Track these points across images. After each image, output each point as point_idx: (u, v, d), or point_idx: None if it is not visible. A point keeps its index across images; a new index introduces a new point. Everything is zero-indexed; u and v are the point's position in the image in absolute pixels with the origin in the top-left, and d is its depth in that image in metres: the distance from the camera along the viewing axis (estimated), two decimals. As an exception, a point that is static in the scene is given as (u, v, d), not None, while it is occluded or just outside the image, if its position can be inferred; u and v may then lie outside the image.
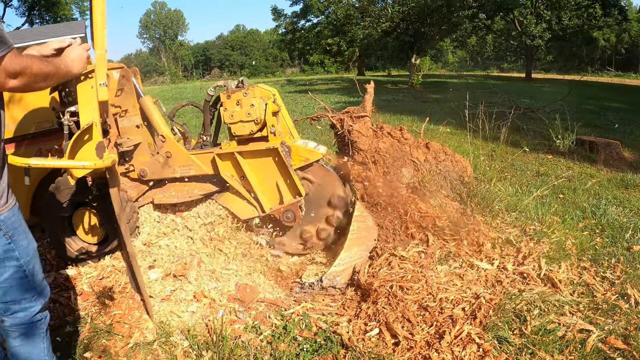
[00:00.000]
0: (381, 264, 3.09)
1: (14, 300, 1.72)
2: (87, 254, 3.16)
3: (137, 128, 3.13)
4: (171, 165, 3.19)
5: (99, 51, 2.17)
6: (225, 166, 3.21)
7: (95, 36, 2.17)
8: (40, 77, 1.64)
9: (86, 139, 2.30)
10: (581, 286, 2.99)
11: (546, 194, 4.76)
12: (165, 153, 3.17)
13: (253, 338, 2.61)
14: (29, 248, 1.73)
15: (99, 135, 2.28)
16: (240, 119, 3.03)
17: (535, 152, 7.03)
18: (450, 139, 7.86)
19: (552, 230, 3.79)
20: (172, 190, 3.30)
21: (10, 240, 1.64)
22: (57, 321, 2.73)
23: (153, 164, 3.20)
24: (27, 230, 1.75)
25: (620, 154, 6.85)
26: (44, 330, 1.85)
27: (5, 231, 1.62)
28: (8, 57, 1.48)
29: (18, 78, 1.55)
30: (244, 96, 3.02)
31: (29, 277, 1.73)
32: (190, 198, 3.27)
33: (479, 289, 2.83)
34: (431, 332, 2.48)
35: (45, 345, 1.85)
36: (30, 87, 1.65)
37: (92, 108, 2.36)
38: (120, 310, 2.80)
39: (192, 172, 3.22)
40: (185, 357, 2.50)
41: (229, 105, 3.06)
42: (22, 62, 1.54)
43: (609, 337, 2.44)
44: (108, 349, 2.55)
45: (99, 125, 2.32)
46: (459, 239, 3.38)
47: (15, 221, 1.67)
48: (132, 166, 3.21)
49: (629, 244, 3.63)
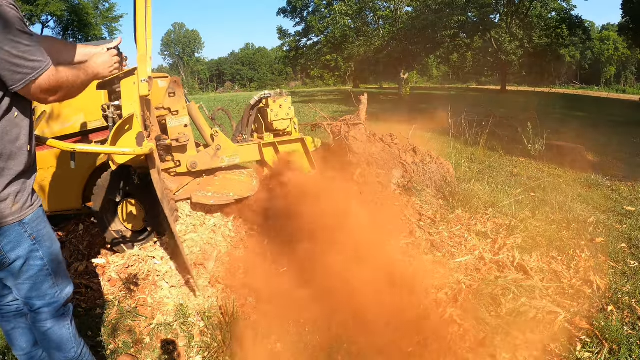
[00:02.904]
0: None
1: (39, 296, 1.67)
2: (124, 238, 3.20)
3: (184, 127, 3.24)
4: (220, 155, 3.40)
5: (140, 52, 2.17)
6: (267, 152, 3.58)
7: (137, 39, 2.17)
8: (76, 87, 1.62)
9: (127, 128, 2.27)
10: (550, 273, 2.99)
11: (519, 192, 4.75)
12: (216, 146, 3.38)
13: (260, 319, 2.60)
14: (53, 248, 1.68)
15: (139, 125, 2.26)
16: (282, 117, 3.62)
17: (509, 156, 7.02)
18: (434, 144, 7.85)
19: (524, 225, 3.79)
20: (210, 190, 3.31)
21: (35, 241, 1.59)
22: (89, 304, 2.72)
23: (203, 156, 3.36)
24: (51, 232, 1.70)
25: (585, 157, 6.86)
26: (68, 322, 1.79)
27: (30, 232, 1.58)
28: (46, 74, 1.46)
29: (57, 93, 1.53)
30: (285, 101, 3.62)
31: (52, 275, 1.67)
32: (225, 201, 3.30)
33: (460, 275, 2.82)
34: (418, 313, 2.47)
35: (72, 335, 1.79)
36: (68, 97, 1.62)
37: (133, 101, 2.34)
38: (143, 295, 2.80)
39: (237, 160, 3.49)
40: (201, 336, 2.50)
41: (274, 107, 3.59)
42: (59, 77, 1.51)
43: (574, 318, 2.44)
44: (133, 329, 2.55)
45: (139, 117, 2.29)
46: (442, 232, 3.38)
47: (39, 223, 1.62)
48: (179, 161, 3.29)
49: (592, 236, 3.63)
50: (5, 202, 1.50)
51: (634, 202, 4.65)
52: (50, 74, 1.48)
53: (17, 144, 1.53)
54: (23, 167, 1.55)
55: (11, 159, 1.50)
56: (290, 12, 33.06)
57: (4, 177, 1.49)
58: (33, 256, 1.60)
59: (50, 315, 1.72)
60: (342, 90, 31.23)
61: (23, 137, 1.55)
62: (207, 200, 3.25)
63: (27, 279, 1.61)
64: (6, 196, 1.50)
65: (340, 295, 2.75)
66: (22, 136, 1.55)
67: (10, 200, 1.51)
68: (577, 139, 8.50)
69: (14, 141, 1.51)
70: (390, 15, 24.38)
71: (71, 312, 1.81)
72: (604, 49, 47.54)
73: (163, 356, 2.39)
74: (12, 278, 1.60)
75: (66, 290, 1.76)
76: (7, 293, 1.77)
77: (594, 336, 2.31)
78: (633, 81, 42.81)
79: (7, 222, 1.51)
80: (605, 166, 6.45)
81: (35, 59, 1.43)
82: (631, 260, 3.22)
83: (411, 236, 3.37)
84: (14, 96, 1.48)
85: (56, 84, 1.51)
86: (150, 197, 2.83)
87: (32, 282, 1.63)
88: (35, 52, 1.44)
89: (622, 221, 4.07)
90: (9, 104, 1.48)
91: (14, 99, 1.49)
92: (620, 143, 8.63)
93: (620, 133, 9.46)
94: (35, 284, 1.64)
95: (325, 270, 2.76)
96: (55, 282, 1.69)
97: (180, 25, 73.20)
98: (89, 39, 32.41)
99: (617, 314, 2.51)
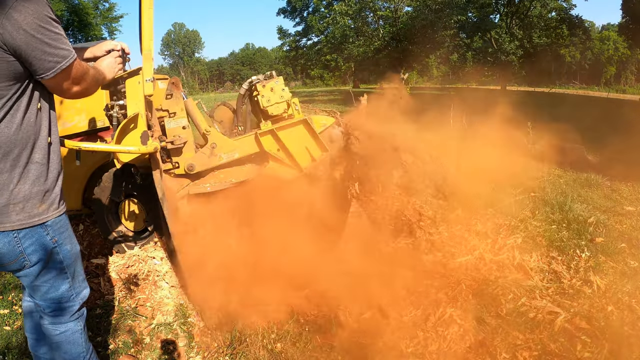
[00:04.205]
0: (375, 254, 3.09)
1: (54, 299, 1.65)
2: (124, 238, 3.20)
3: (183, 129, 3.16)
4: (217, 153, 3.25)
5: (145, 52, 2.17)
6: (266, 141, 3.35)
7: (142, 39, 2.17)
8: (94, 82, 1.61)
9: (131, 127, 2.27)
10: (550, 273, 2.99)
11: (519, 192, 4.75)
12: (210, 144, 3.23)
13: (260, 319, 2.60)
14: (72, 252, 1.66)
15: (144, 124, 2.26)
16: (276, 101, 3.34)
17: (510, 155, 7.01)
18: (435, 143, 7.84)
19: (524, 225, 3.79)
20: (207, 181, 3.28)
21: (56, 244, 1.57)
22: (89, 304, 2.72)
23: (200, 157, 3.22)
24: (72, 235, 1.67)
25: (585, 157, 6.85)
26: (81, 327, 1.76)
27: (53, 235, 1.55)
28: (75, 64, 1.45)
29: (81, 83, 1.52)
30: (276, 83, 3.35)
31: (70, 279, 1.66)
32: (223, 186, 3.25)
33: (460, 275, 2.82)
34: (418, 314, 2.47)
35: (83, 340, 1.77)
36: (87, 92, 1.60)
37: (138, 100, 2.35)
38: (143, 295, 2.80)
39: (236, 156, 3.31)
40: (201, 336, 2.50)
41: (265, 92, 3.33)
42: (83, 68, 1.51)
43: (574, 318, 2.44)
44: (133, 329, 2.55)
45: (144, 116, 2.30)
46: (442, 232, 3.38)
47: (62, 226, 1.60)
48: (177, 163, 3.21)
49: (592, 236, 3.63)
50: (32, 201, 1.47)
51: (634, 202, 4.64)
52: (77, 64, 1.47)
53: (41, 136, 1.49)
54: (48, 161, 1.52)
55: (35, 152, 1.47)
56: (290, 12, 33.06)
57: (30, 173, 1.46)
58: (53, 259, 1.58)
59: (64, 319, 1.70)
60: (342, 90, 31.24)
61: (45, 129, 1.51)
62: (204, 190, 3.23)
63: (45, 281, 1.60)
64: (33, 195, 1.47)
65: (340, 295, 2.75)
66: (44, 128, 1.51)
67: (37, 200, 1.49)
68: (577, 139, 8.50)
69: (37, 132, 1.48)
70: (390, 15, 24.39)
71: (85, 316, 1.79)
72: (604, 49, 47.55)
73: (163, 356, 2.39)
74: (30, 279, 1.58)
75: (82, 294, 1.74)
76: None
77: (594, 336, 2.31)
78: (633, 81, 42.81)
79: (32, 222, 1.48)
80: (605, 166, 6.45)
81: (65, 47, 1.41)
82: (631, 260, 3.22)
83: (411, 236, 3.37)
84: (38, 86, 1.46)
85: (82, 74, 1.50)
86: (151, 197, 2.83)
87: (49, 285, 1.61)
88: (64, 39, 1.42)
89: (622, 221, 4.07)
90: (33, 95, 1.45)
91: (38, 89, 1.47)
92: (620, 143, 8.62)
93: (620, 133, 9.45)
94: (52, 286, 1.62)
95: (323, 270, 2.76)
96: (72, 285, 1.68)
97: (180, 25, 73.21)
98: (89, 39, 32.38)
99: (617, 314, 2.51)
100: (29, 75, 1.41)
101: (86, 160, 3.10)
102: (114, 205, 3.20)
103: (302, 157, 3.46)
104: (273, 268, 2.74)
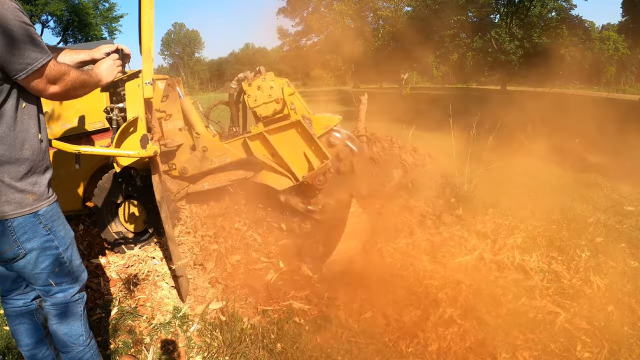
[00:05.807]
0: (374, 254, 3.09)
1: (55, 284, 1.72)
2: (125, 239, 3.20)
3: (179, 130, 3.13)
4: (208, 157, 3.13)
5: (145, 53, 2.17)
6: (255, 146, 3.12)
7: (142, 42, 2.17)
8: (78, 84, 1.63)
9: (131, 131, 2.28)
10: (550, 273, 2.99)
11: (519, 192, 4.75)
12: (201, 148, 3.12)
13: (260, 319, 2.60)
14: (67, 237, 1.73)
15: (144, 128, 2.27)
16: (264, 101, 3.03)
17: (510, 155, 7.01)
18: (435, 143, 7.83)
19: (524, 225, 3.79)
20: (205, 181, 3.26)
21: (50, 231, 1.64)
22: (89, 304, 2.72)
23: (192, 161, 3.15)
24: (64, 221, 1.75)
25: (585, 157, 6.86)
26: (81, 309, 1.84)
27: (45, 224, 1.62)
28: (48, 64, 1.49)
29: (57, 84, 1.55)
30: (263, 81, 3.04)
31: (67, 263, 1.72)
32: (219, 184, 3.22)
33: (460, 275, 2.82)
34: (418, 314, 2.47)
35: (83, 322, 1.84)
36: (70, 94, 1.64)
37: (138, 103, 2.35)
38: (143, 295, 2.80)
39: (228, 160, 3.17)
40: (200, 336, 2.50)
41: (251, 92, 3.06)
42: (61, 69, 1.55)
43: (574, 318, 2.44)
44: (133, 329, 2.55)
45: (143, 120, 2.30)
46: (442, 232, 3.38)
47: (54, 214, 1.66)
48: (174, 165, 3.19)
49: (592, 236, 3.63)
50: (23, 192, 1.55)
51: (634, 202, 4.65)
52: (52, 64, 1.51)
53: (30, 133, 1.56)
54: (38, 157, 1.59)
55: (25, 148, 1.54)
56: (290, 12, 33.06)
57: (21, 167, 1.53)
58: (48, 246, 1.64)
59: (65, 301, 1.77)
60: (342, 90, 31.19)
61: (33, 127, 1.59)
62: (201, 188, 3.21)
63: (44, 268, 1.66)
64: (24, 187, 1.55)
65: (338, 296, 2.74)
66: (32, 126, 1.58)
67: (28, 191, 1.56)
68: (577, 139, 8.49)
69: (25, 130, 1.55)
70: (391, 15, 24.39)
71: (85, 299, 1.86)
72: (604, 49, 47.57)
73: (163, 356, 2.39)
74: (29, 268, 1.65)
75: (81, 277, 1.82)
76: (14, 288, 1.82)
77: (594, 336, 2.31)
78: (633, 81, 42.79)
79: (23, 212, 1.55)
80: (605, 166, 6.44)
81: (36, 49, 1.46)
82: (631, 260, 3.22)
83: (411, 236, 3.37)
84: (20, 87, 1.51)
85: (59, 74, 1.54)
86: (151, 198, 2.83)
87: (48, 271, 1.68)
88: (37, 41, 1.46)
89: (622, 221, 4.07)
90: (17, 95, 1.52)
91: (20, 89, 1.52)
92: (620, 143, 8.62)
93: (620, 133, 9.45)
94: (51, 272, 1.69)
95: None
96: (70, 269, 1.75)
97: (181, 25, 73.15)
98: (89, 39, 32.39)
99: (617, 314, 2.51)
100: (8, 77, 1.46)
101: (86, 161, 3.10)
102: (113, 207, 3.20)
103: (298, 165, 3.16)
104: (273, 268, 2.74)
